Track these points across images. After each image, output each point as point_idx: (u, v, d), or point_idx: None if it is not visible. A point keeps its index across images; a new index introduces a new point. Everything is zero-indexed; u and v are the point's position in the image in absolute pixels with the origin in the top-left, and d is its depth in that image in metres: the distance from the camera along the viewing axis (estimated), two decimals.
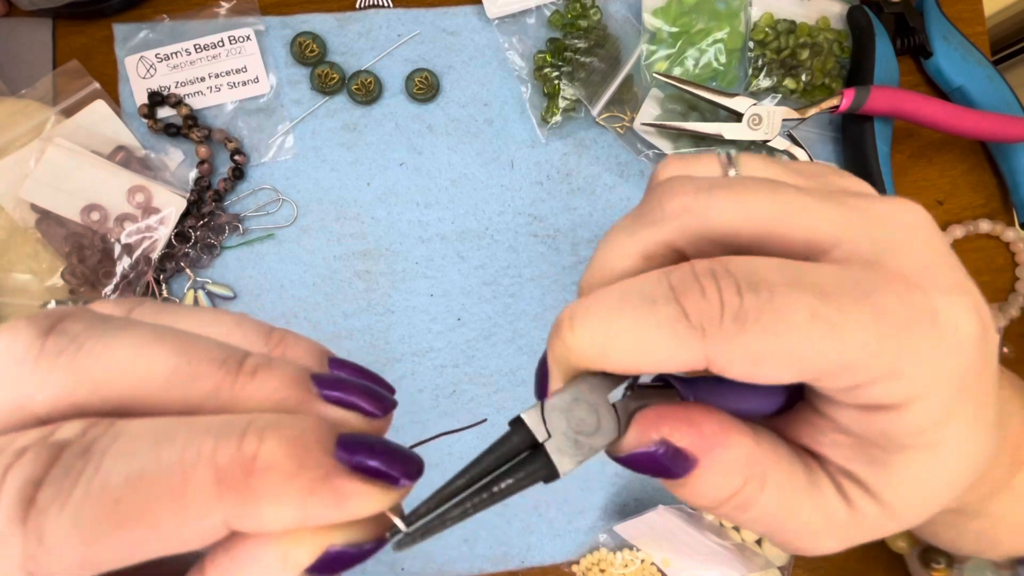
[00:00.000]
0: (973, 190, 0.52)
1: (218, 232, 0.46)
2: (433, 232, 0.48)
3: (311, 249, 0.47)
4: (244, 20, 0.47)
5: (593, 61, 0.48)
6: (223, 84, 0.46)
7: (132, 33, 0.46)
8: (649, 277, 0.17)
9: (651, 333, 0.16)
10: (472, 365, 0.48)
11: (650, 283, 0.17)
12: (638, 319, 0.16)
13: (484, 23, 0.49)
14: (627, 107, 0.49)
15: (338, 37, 0.48)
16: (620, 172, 0.49)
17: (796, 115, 0.46)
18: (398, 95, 0.48)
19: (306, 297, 0.47)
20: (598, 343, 0.17)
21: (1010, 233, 0.50)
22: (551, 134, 0.49)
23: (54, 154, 0.43)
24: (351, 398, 0.16)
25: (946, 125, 0.46)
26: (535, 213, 0.49)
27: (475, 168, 0.48)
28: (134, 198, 0.44)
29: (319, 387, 0.16)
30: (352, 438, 0.15)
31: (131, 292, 0.44)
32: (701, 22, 0.48)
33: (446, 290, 0.48)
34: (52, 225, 0.43)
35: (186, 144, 0.46)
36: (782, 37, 0.49)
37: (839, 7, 0.51)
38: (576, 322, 0.17)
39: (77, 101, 0.45)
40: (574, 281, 0.49)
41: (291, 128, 0.47)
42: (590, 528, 0.48)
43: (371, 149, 0.48)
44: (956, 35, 0.50)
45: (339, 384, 0.16)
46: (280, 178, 0.47)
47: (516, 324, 0.48)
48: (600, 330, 0.16)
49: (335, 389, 0.16)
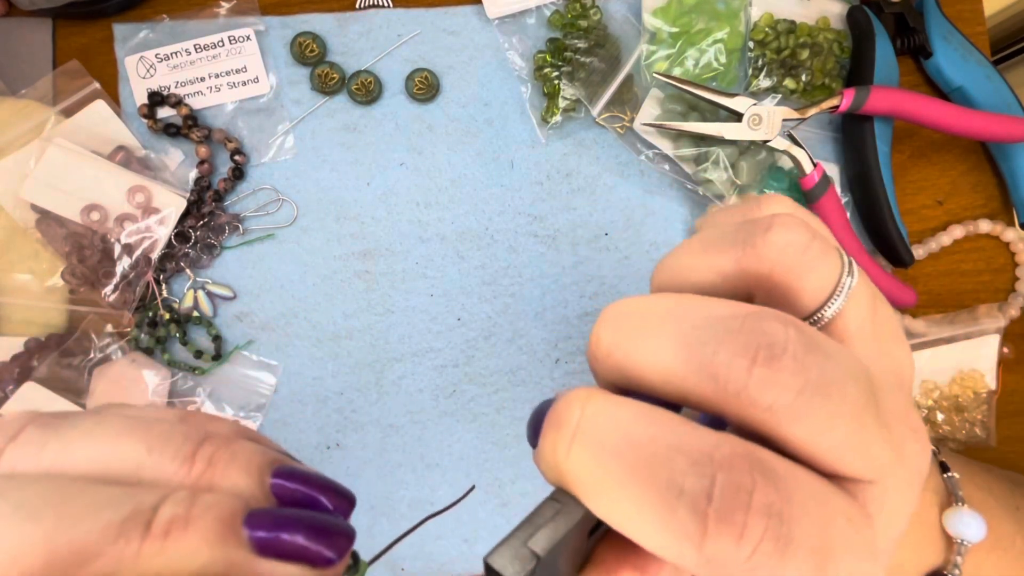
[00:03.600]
0: (973, 190, 0.52)
1: (218, 232, 0.46)
2: (433, 232, 0.48)
3: (311, 249, 0.47)
4: (244, 20, 0.47)
5: (593, 61, 0.48)
6: (223, 84, 0.46)
7: (132, 33, 0.46)
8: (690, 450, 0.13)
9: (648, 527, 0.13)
10: (472, 365, 0.48)
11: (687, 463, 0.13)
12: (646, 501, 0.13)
13: (484, 23, 0.49)
14: (627, 107, 0.49)
15: (338, 37, 0.48)
16: (620, 172, 0.49)
17: (796, 115, 0.46)
18: (398, 95, 0.48)
19: (306, 297, 0.47)
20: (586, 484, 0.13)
21: (1010, 233, 0.50)
22: (551, 134, 0.49)
23: (54, 154, 0.43)
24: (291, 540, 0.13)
25: (946, 125, 0.46)
26: (535, 213, 0.49)
27: (475, 168, 0.48)
28: (134, 198, 0.44)
29: (251, 531, 0.13)
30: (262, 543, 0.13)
31: (131, 292, 0.44)
32: (701, 22, 0.48)
33: (446, 290, 0.48)
34: (52, 225, 0.43)
35: (186, 144, 0.46)
36: (782, 37, 0.49)
37: (839, 7, 0.51)
38: (575, 445, 0.14)
39: (77, 101, 0.45)
40: (574, 281, 0.49)
41: (291, 128, 0.47)
42: None
43: (371, 149, 0.48)
44: (956, 35, 0.50)
45: (278, 522, 0.14)
46: (280, 178, 0.47)
47: (516, 324, 0.48)
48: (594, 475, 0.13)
49: (271, 530, 0.13)
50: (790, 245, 0.15)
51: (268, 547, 0.13)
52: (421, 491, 0.47)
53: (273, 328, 0.47)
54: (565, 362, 0.48)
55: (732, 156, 0.47)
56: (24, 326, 0.44)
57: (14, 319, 0.44)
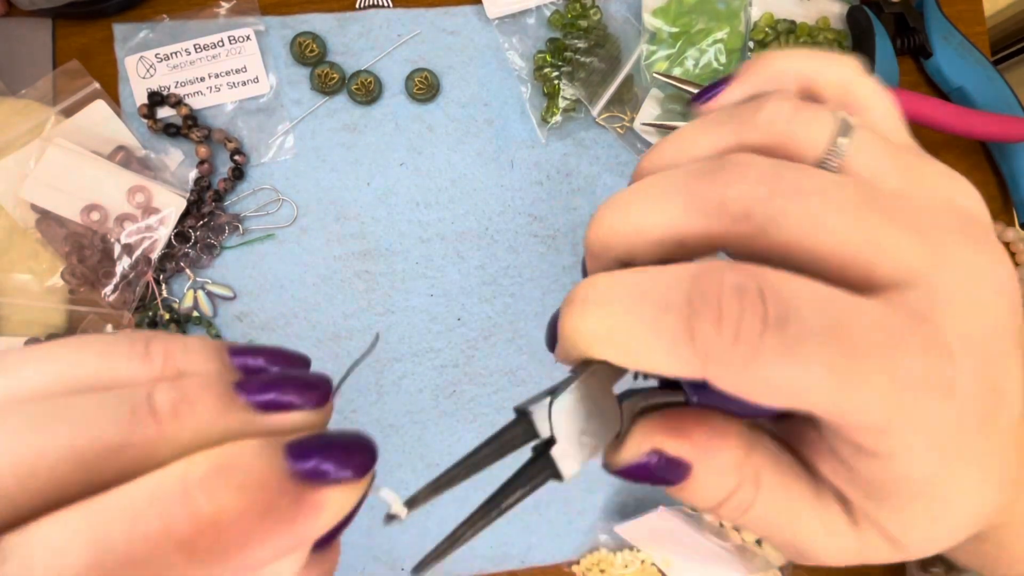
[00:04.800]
0: None
1: (218, 232, 0.46)
2: (433, 232, 0.48)
3: (311, 249, 0.47)
4: (244, 20, 0.47)
5: (593, 61, 0.48)
6: (223, 84, 0.46)
7: (132, 33, 0.46)
8: (674, 276, 0.15)
9: (652, 343, 0.15)
10: (472, 365, 0.48)
11: (672, 284, 0.15)
12: (644, 323, 0.15)
13: (484, 23, 0.49)
14: (627, 107, 0.49)
15: (338, 37, 0.48)
16: (620, 172, 0.49)
17: None
18: (398, 95, 0.48)
19: (306, 297, 0.47)
20: (600, 334, 0.16)
21: (1010, 233, 0.50)
22: (551, 134, 0.49)
23: (54, 154, 0.43)
24: (285, 397, 0.14)
25: (946, 125, 0.46)
26: (535, 213, 0.49)
27: (475, 168, 0.48)
28: (134, 198, 0.44)
29: (247, 396, 0.14)
30: (300, 447, 0.13)
31: (131, 292, 0.44)
32: (701, 22, 0.48)
33: (446, 290, 0.48)
34: (52, 225, 0.43)
35: (186, 144, 0.46)
36: (782, 37, 0.49)
37: (839, 7, 0.51)
38: (587, 307, 0.16)
39: (77, 101, 0.45)
40: (574, 281, 0.48)
41: (291, 128, 0.47)
42: (590, 528, 0.48)
43: (371, 149, 0.48)
44: (956, 35, 0.50)
45: (266, 385, 0.14)
46: (280, 178, 0.47)
47: (516, 324, 0.48)
48: (605, 323, 0.15)
49: (264, 392, 0.14)
50: (779, 116, 0.17)
51: (269, 404, 0.14)
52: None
53: (273, 328, 0.46)
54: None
55: None
56: (24, 326, 0.44)
57: (14, 319, 0.44)
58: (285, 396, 0.14)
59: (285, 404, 0.14)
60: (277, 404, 0.14)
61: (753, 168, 0.15)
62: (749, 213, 0.15)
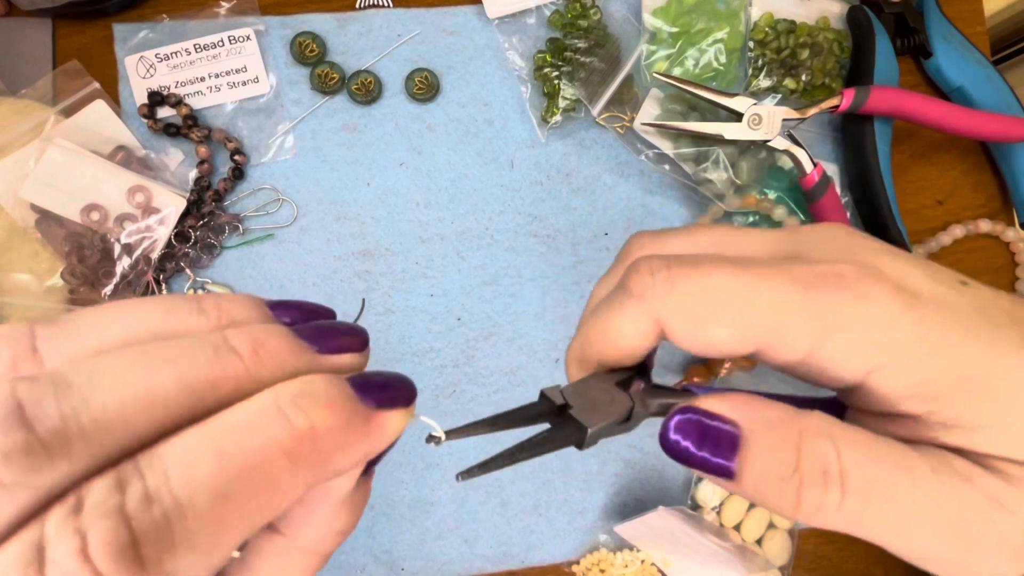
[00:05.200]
0: (973, 190, 0.52)
1: (218, 232, 0.46)
2: (433, 232, 0.48)
3: (311, 249, 0.47)
4: (244, 20, 0.47)
5: (593, 61, 0.48)
6: (223, 84, 0.46)
7: (132, 33, 0.46)
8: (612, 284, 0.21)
9: (613, 318, 0.19)
10: (472, 365, 0.48)
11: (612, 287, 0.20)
12: (604, 312, 0.20)
13: (484, 23, 0.49)
14: (627, 107, 0.49)
15: (338, 37, 0.48)
16: (620, 172, 0.49)
17: (796, 115, 0.46)
18: (398, 95, 0.48)
19: (306, 297, 0.47)
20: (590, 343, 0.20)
21: (1010, 233, 0.50)
22: (551, 134, 0.49)
23: (54, 154, 0.43)
24: (340, 342, 0.17)
25: (946, 125, 0.46)
26: (535, 213, 0.49)
27: (475, 168, 0.48)
28: (134, 198, 0.44)
29: (308, 342, 0.16)
30: (361, 380, 0.16)
31: (131, 292, 0.44)
32: (701, 22, 0.48)
33: (446, 290, 0.48)
34: (52, 225, 0.43)
35: (186, 144, 0.46)
36: (782, 37, 0.49)
37: (839, 7, 0.51)
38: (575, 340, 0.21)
39: (77, 101, 0.45)
40: (574, 281, 0.49)
41: (291, 128, 0.47)
42: (590, 528, 0.48)
43: (371, 149, 0.48)
44: (956, 35, 0.50)
45: (323, 333, 0.17)
46: (280, 178, 0.47)
47: (516, 324, 0.48)
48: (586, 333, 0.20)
49: (324, 339, 0.17)
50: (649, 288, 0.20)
51: (327, 346, 0.16)
52: (421, 491, 0.47)
53: None
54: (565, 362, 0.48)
55: (732, 156, 0.47)
56: None
57: (14, 319, 0.44)
58: (338, 340, 0.17)
59: (339, 346, 0.17)
60: (334, 345, 0.17)
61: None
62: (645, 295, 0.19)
